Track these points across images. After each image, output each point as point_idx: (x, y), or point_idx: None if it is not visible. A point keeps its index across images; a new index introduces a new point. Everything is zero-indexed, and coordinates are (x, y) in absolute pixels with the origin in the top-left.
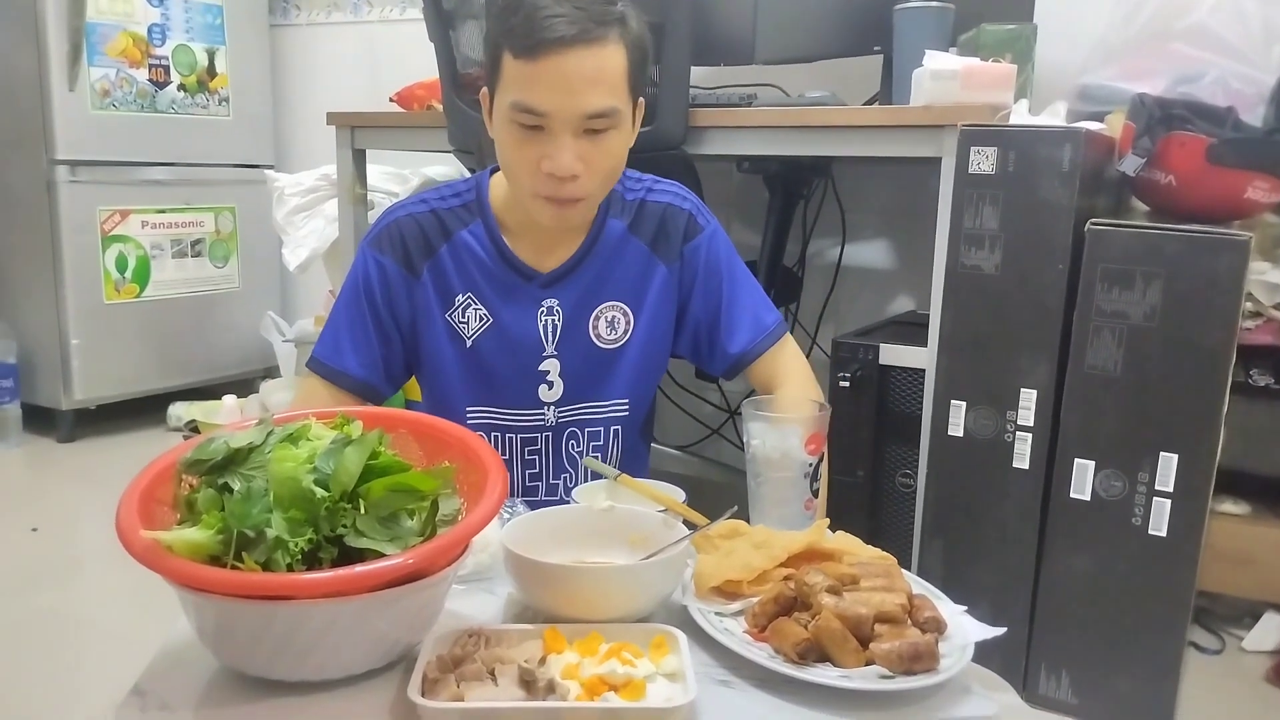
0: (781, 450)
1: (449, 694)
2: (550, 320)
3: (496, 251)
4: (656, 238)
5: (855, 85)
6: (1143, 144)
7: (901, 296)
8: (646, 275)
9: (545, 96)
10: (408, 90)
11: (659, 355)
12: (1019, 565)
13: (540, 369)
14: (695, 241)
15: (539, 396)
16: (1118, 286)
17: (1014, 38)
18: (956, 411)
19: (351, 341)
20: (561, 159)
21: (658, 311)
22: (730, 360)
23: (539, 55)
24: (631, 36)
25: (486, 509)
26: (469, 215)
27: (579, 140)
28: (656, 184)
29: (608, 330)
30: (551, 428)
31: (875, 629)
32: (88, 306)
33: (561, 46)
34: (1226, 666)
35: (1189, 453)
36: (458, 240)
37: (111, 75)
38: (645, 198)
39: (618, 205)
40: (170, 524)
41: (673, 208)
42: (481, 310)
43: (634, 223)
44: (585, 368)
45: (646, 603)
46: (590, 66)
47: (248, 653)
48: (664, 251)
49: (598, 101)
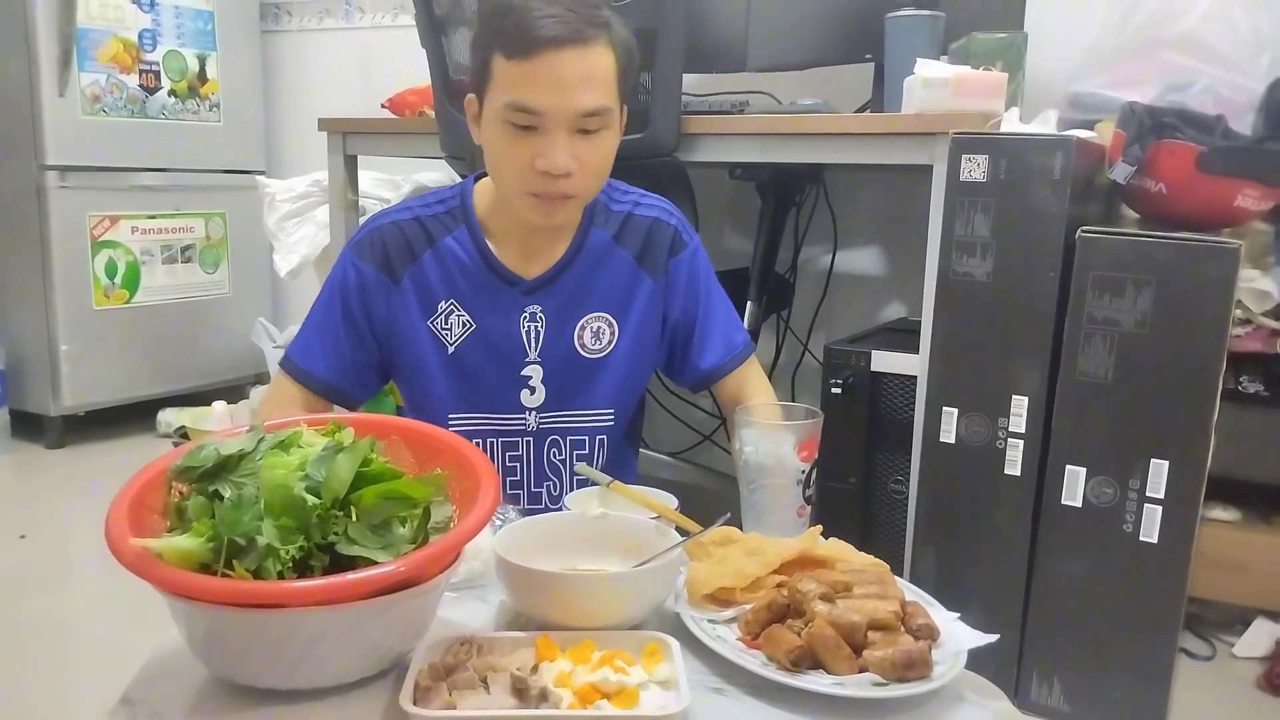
0: (774, 457)
1: (441, 702)
2: (534, 327)
3: (480, 257)
4: (644, 251)
5: (847, 93)
6: (1133, 152)
7: (893, 303)
8: (632, 287)
9: (540, 95)
10: (400, 96)
11: (644, 366)
12: (1011, 572)
13: (523, 374)
14: (679, 257)
15: (521, 401)
16: (1109, 294)
17: (1005, 46)
18: (948, 418)
19: (322, 344)
20: (556, 157)
21: (643, 323)
22: (700, 375)
23: (533, 55)
24: (619, 41)
25: (479, 516)
26: (453, 222)
27: (572, 139)
28: (644, 198)
29: (592, 340)
30: (533, 433)
31: (868, 636)
32: (77, 312)
33: (555, 46)
34: (1218, 673)
35: (1180, 459)
36: (442, 247)
37: (102, 81)
38: (632, 211)
39: (602, 215)
40: (160, 531)
41: (660, 222)
42: (464, 316)
43: (619, 234)
44: (568, 376)
45: (639, 610)
46: (583, 66)
47: (238, 661)
48: (650, 265)
49: (591, 100)
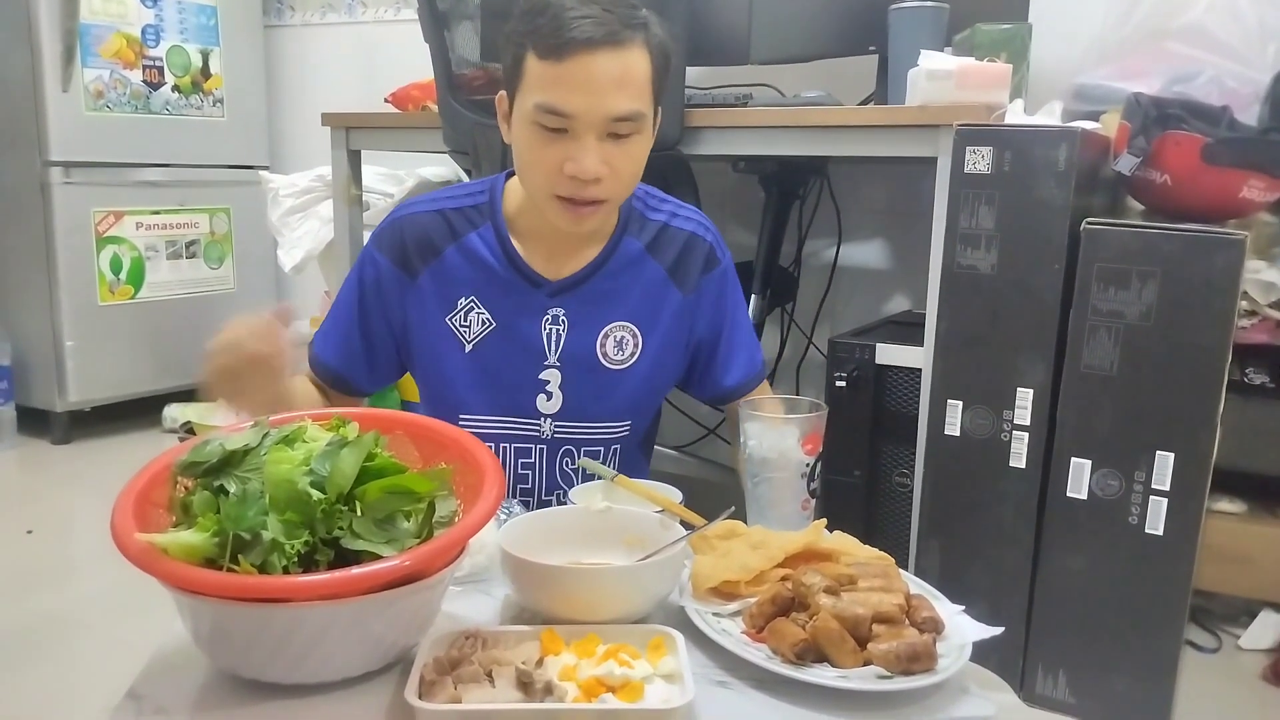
0: (779, 450)
1: (446, 696)
2: (555, 330)
3: (505, 256)
4: (677, 264)
5: (850, 85)
6: (1138, 143)
7: (898, 296)
8: (660, 299)
9: (571, 98)
10: (403, 91)
11: (665, 379)
12: (1016, 565)
13: (540, 378)
14: (712, 274)
15: (537, 406)
16: (1114, 286)
17: (1009, 37)
18: (953, 411)
19: (335, 332)
20: (585, 161)
21: (670, 337)
22: (721, 392)
23: (566, 56)
24: (656, 42)
25: (483, 510)
26: (480, 217)
27: (603, 143)
28: (681, 209)
29: (615, 350)
30: (547, 441)
31: (873, 629)
32: (82, 308)
33: (589, 48)
34: (1223, 665)
35: (1185, 452)
36: (465, 243)
37: (105, 76)
38: (669, 222)
39: (637, 224)
40: (166, 526)
41: (696, 237)
42: (484, 314)
43: (652, 244)
44: (587, 384)
45: (644, 604)
46: (617, 69)
47: (243, 656)
48: (681, 279)
49: (624, 104)
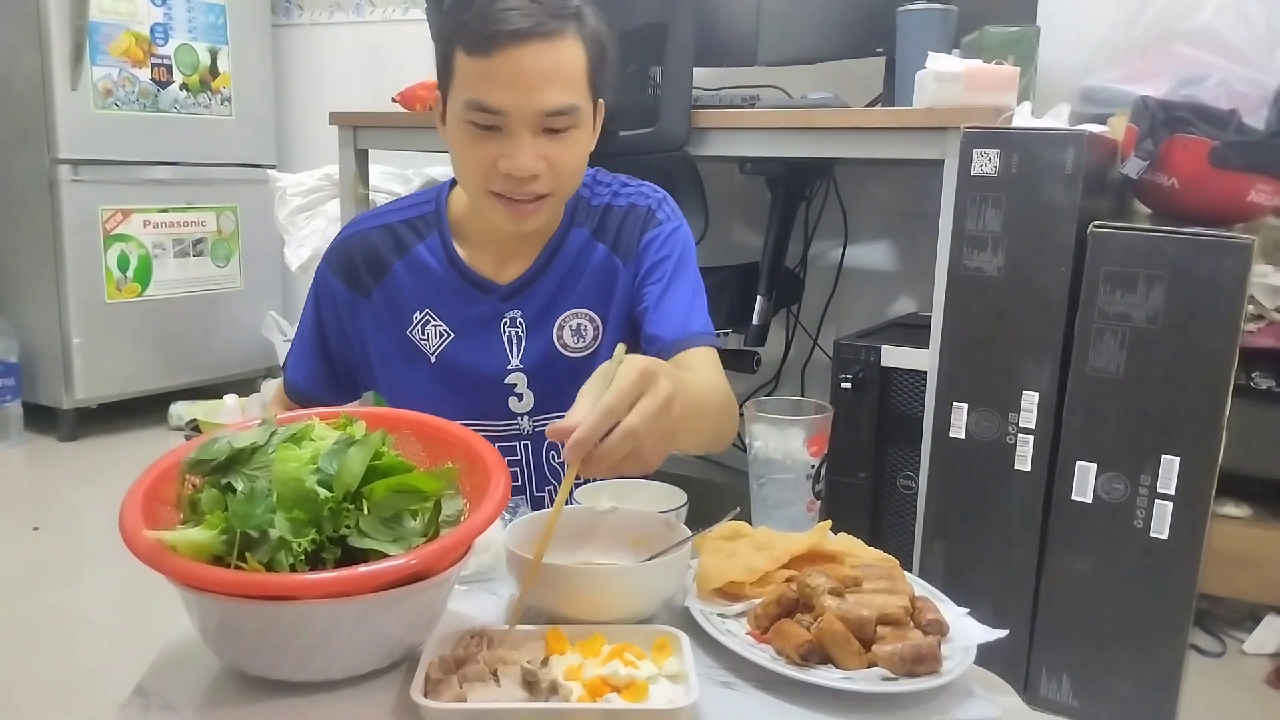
0: (784, 451)
1: (452, 695)
2: (514, 332)
3: (451, 265)
4: (618, 239)
5: (858, 87)
6: (1145, 146)
7: (903, 298)
8: (611, 279)
9: (501, 94)
10: (410, 90)
11: None
12: (1020, 567)
13: (507, 382)
14: (653, 233)
15: (509, 408)
16: (1120, 289)
17: (1017, 40)
18: (958, 413)
19: (300, 354)
20: (520, 159)
21: (625, 314)
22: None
23: (494, 50)
24: (589, 32)
25: (489, 510)
26: (427, 228)
27: (538, 139)
28: (624, 186)
29: (574, 338)
30: (528, 436)
31: (878, 631)
32: (89, 306)
33: (517, 40)
34: (1228, 669)
35: (1191, 455)
36: (413, 256)
37: (114, 75)
38: (610, 201)
39: (583, 212)
40: (173, 524)
41: (635, 207)
42: (441, 326)
43: (597, 229)
44: (554, 378)
45: (649, 604)
46: (548, 61)
47: (251, 653)
48: (623, 251)
49: (556, 98)
